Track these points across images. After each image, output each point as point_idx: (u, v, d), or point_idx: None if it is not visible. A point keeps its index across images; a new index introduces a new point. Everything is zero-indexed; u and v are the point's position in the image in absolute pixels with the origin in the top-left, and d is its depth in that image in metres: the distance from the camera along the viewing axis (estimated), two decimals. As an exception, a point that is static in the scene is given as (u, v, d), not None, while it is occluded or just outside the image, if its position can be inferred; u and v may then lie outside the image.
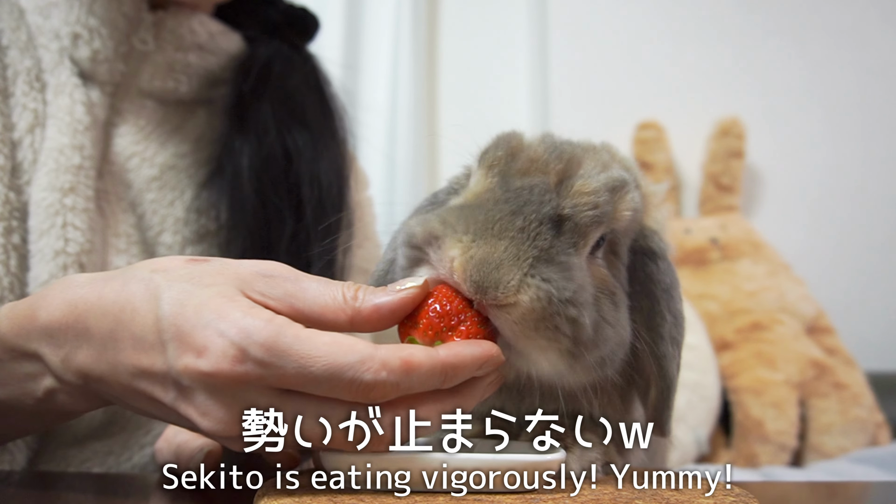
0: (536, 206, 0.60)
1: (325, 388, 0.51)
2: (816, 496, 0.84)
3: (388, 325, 0.57)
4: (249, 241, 0.97)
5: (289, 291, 0.55)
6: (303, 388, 0.52)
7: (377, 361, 0.51)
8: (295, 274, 0.57)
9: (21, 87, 0.91)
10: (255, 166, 0.99)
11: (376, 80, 2.37)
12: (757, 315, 1.99)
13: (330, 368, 0.50)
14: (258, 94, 1.02)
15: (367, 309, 0.55)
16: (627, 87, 2.43)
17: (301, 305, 0.55)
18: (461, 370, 0.53)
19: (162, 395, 0.55)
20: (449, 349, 0.53)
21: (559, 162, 0.64)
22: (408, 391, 0.52)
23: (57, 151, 0.89)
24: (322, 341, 0.51)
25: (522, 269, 0.57)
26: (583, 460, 0.64)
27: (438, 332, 0.56)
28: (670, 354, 0.67)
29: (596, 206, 0.62)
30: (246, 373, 0.51)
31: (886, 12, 2.38)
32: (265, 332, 0.51)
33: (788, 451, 1.83)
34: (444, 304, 0.57)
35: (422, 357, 0.52)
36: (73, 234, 0.87)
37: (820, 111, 2.37)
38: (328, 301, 0.55)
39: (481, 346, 0.55)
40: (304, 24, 1.12)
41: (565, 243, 0.60)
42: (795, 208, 2.37)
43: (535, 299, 0.57)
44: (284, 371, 0.51)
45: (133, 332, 0.55)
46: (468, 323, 0.57)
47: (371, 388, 0.51)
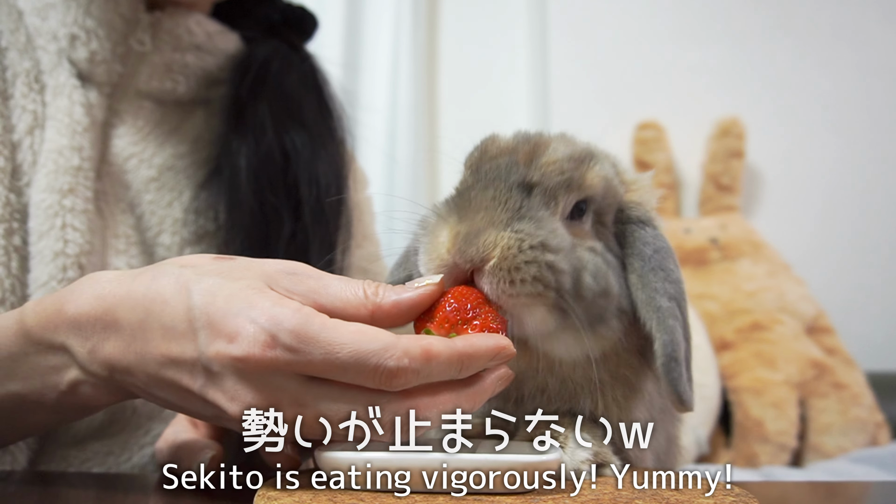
0: (504, 177, 0.65)
1: (350, 374, 0.53)
2: (816, 496, 0.84)
3: (407, 321, 0.59)
4: (248, 242, 0.97)
5: (312, 288, 0.58)
6: (329, 374, 0.54)
7: (400, 349, 0.53)
8: (318, 272, 0.60)
9: (20, 88, 0.91)
10: (254, 166, 0.99)
11: (376, 79, 2.36)
12: (757, 315, 1.99)
13: (355, 355, 0.53)
14: (256, 94, 1.02)
15: (388, 304, 0.58)
16: (627, 87, 2.43)
17: (324, 301, 0.57)
18: (476, 360, 0.56)
19: (190, 382, 0.57)
20: (465, 340, 0.56)
21: (527, 145, 0.69)
22: (427, 379, 0.55)
23: (56, 153, 0.89)
24: (348, 329, 0.54)
25: (498, 228, 0.62)
26: (578, 460, 0.64)
27: (454, 324, 0.59)
28: (667, 307, 0.66)
29: (562, 171, 0.66)
30: (276, 358, 0.54)
31: (887, 11, 2.38)
32: (294, 320, 0.53)
33: (788, 451, 1.83)
34: (461, 299, 0.60)
35: (440, 346, 0.55)
36: (73, 235, 0.87)
37: (820, 111, 2.37)
38: (350, 297, 0.58)
39: (494, 338, 0.57)
40: (302, 24, 1.12)
41: (537, 204, 0.65)
42: (795, 208, 2.37)
43: (505, 248, 0.61)
44: (312, 357, 0.53)
45: (163, 323, 0.57)
46: (482, 317, 0.60)
47: (394, 374, 0.53)
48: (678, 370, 0.66)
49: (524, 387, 0.71)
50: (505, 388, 0.71)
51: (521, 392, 0.71)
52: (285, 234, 0.99)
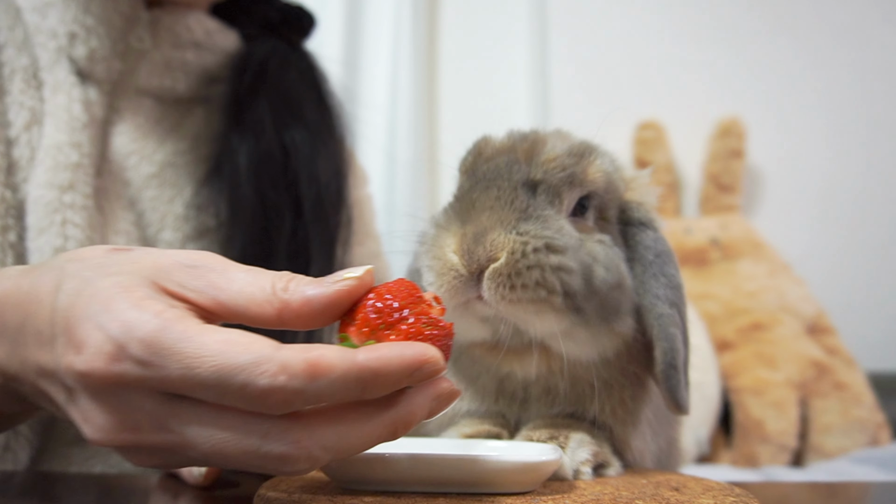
0: (507, 176, 0.64)
1: (215, 393, 0.44)
2: (817, 496, 0.84)
3: (324, 323, 0.50)
4: (249, 238, 0.97)
5: (212, 282, 0.49)
6: (192, 393, 0.45)
7: (275, 363, 0.43)
8: (223, 264, 0.51)
9: (18, 84, 0.91)
10: (254, 163, 0.99)
11: (376, 78, 2.36)
12: (757, 315, 1.98)
13: (218, 370, 0.43)
14: (255, 91, 1.02)
15: (297, 302, 0.48)
16: (627, 87, 2.43)
17: (224, 298, 0.48)
18: (384, 377, 0.45)
19: (57, 395, 0.50)
20: (371, 350, 0.45)
21: (524, 143, 0.68)
22: (317, 400, 0.44)
23: (55, 149, 0.88)
24: (213, 339, 0.44)
25: (506, 228, 0.60)
26: (578, 460, 0.64)
27: (374, 329, 0.48)
28: (668, 314, 0.66)
29: (564, 168, 0.65)
30: (123, 373, 0.45)
31: (887, 11, 2.38)
32: (148, 327, 0.44)
33: (789, 451, 1.83)
34: (387, 298, 0.49)
35: (333, 359, 0.44)
36: (73, 231, 0.87)
37: (820, 111, 2.37)
38: (255, 292, 0.48)
39: (414, 347, 0.46)
40: (301, 22, 1.13)
41: (542, 203, 0.63)
42: (796, 208, 2.36)
43: (509, 251, 0.59)
44: (168, 372, 0.44)
45: (36, 326, 0.50)
46: (411, 320, 0.48)
47: (267, 394, 0.43)
48: (677, 377, 0.66)
49: (532, 388, 0.71)
50: (511, 388, 0.71)
51: (528, 393, 0.71)
52: (286, 230, 0.99)
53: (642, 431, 0.72)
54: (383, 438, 0.47)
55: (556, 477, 0.62)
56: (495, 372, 0.71)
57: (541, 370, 0.68)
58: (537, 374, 0.68)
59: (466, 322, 0.65)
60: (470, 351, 0.71)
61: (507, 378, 0.71)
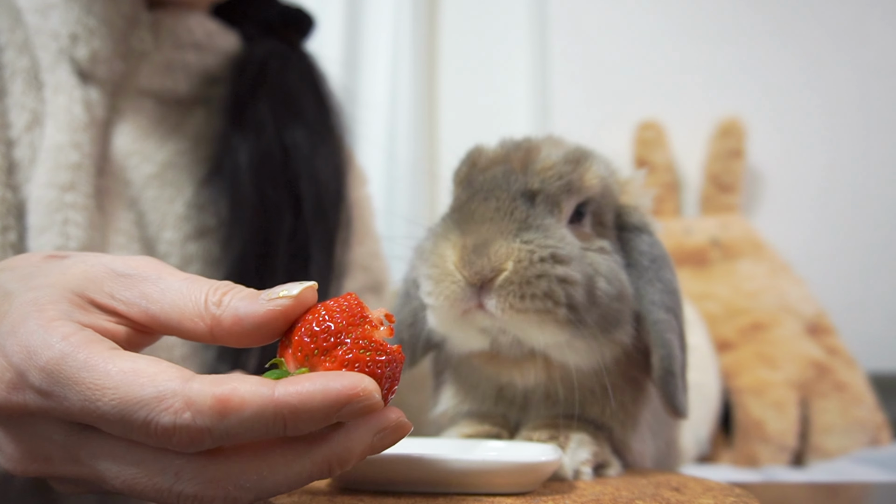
0: (505, 186, 0.63)
1: (118, 428, 0.41)
2: (817, 497, 0.84)
3: (260, 342, 0.46)
4: (249, 237, 0.97)
5: (144, 293, 0.46)
6: (96, 425, 0.42)
7: (180, 399, 0.39)
8: (158, 272, 0.48)
9: (19, 86, 0.91)
10: (254, 163, 1.00)
11: (376, 77, 2.36)
12: (757, 315, 1.98)
13: (120, 405, 0.40)
14: (255, 91, 1.03)
15: (228, 320, 0.45)
16: (627, 87, 2.43)
17: (156, 310, 0.46)
18: (306, 414, 0.40)
19: None
20: (291, 383, 0.41)
21: (518, 151, 0.67)
22: (231, 439, 0.41)
23: (56, 149, 0.89)
24: (117, 369, 0.41)
25: (508, 238, 0.60)
26: (578, 460, 0.64)
27: (308, 354, 0.44)
28: (665, 320, 0.66)
29: (561, 175, 0.65)
30: (24, 403, 0.43)
31: (887, 11, 2.38)
32: (49, 354, 0.41)
33: (789, 451, 1.82)
34: (324, 319, 0.44)
35: (246, 394, 0.40)
36: (74, 230, 0.87)
37: (821, 111, 2.37)
38: (187, 305, 0.45)
39: (344, 379, 0.41)
40: (300, 23, 1.14)
41: (542, 212, 0.63)
42: (796, 208, 2.36)
43: (516, 260, 0.59)
44: (69, 404, 0.41)
45: None
46: (350, 345, 0.44)
47: (171, 432, 0.40)
48: (674, 383, 0.66)
49: (532, 394, 0.71)
50: (510, 395, 0.71)
51: (528, 398, 0.71)
52: (286, 229, 0.99)
53: (642, 433, 0.72)
54: (315, 476, 0.43)
55: (556, 477, 0.62)
56: (495, 380, 0.71)
57: (540, 378, 0.68)
58: (537, 382, 0.68)
59: (465, 332, 0.65)
60: (468, 360, 0.71)
61: (507, 385, 0.71)
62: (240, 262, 0.96)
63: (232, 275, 0.96)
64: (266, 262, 0.98)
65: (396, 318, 0.74)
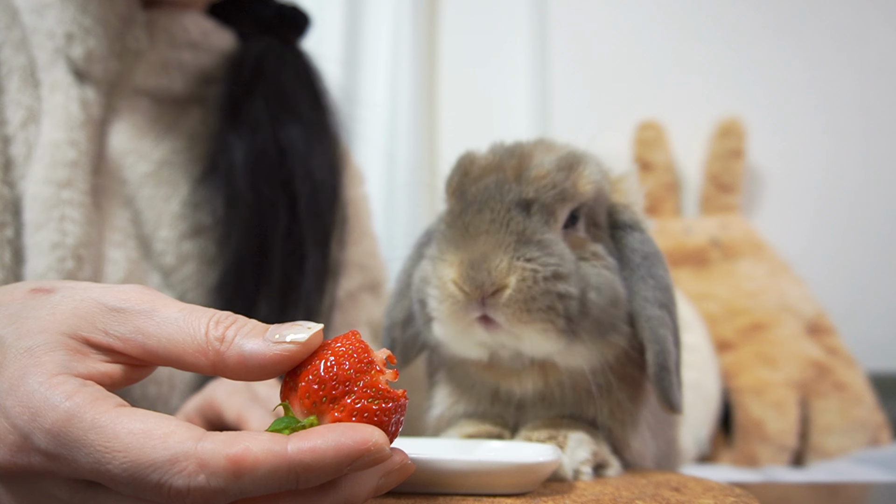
0: (499, 197, 0.63)
1: (129, 489, 0.40)
2: (817, 497, 0.84)
3: (261, 379, 0.46)
4: (245, 235, 0.97)
5: (139, 327, 0.45)
6: (105, 484, 0.41)
7: (193, 461, 0.39)
8: (152, 304, 0.46)
9: (15, 83, 0.91)
10: (250, 161, 1.00)
11: (376, 78, 2.36)
12: (757, 315, 1.98)
13: (131, 468, 0.39)
14: (251, 90, 1.03)
15: (233, 359, 0.44)
16: (627, 87, 2.43)
17: (153, 344, 0.45)
18: (318, 469, 0.40)
19: None
20: (303, 440, 0.41)
21: (511, 159, 0.67)
22: (244, 496, 0.41)
23: (52, 146, 0.89)
24: (127, 430, 0.40)
25: (508, 252, 0.61)
26: (577, 460, 0.64)
27: (317, 402, 0.44)
28: (658, 316, 0.66)
29: (555, 184, 0.64)
30: (29, 465, 0.42)
31: (888, 11, 2.38)
32: (54, 416, 0.40)
33: (789, 451, 1.82)
34: (332, 366, 0.44)
35: (259, 453, 0.39)
36: (71, 227, 0.87)
37: (821, 111, 2.37)
38: (186, 340, 0.44)
39: (355, 434, 0.41)
40: (296, 21, 1.14)
41: (538, 223, 0.63)
42: (796, 208, 2.36)
43: (521, 280, 0.60)
44: (78, 465, 0.40)
45: None
46: (357, 393, 0.43)
47: (184, 495, 0.39)
48: (669, 378, 0.66)
49: (527, 397, 0.71)
50: (506, 397, 0.72)
51: (525, 400, 0.71)
52: (281, 227, 0.99)
53: (641, 433, 0.72)
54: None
55: (556, 477, 0.61)
56: (492, 385, 0.72)
57: (538, 386, 0.69)
58: (535, 389, 0.69)
59: (465, 344, 0.66)
60: (463, 363, 0.71)
61: (503, 390, 0.72)
62: (235, 260, 0.96)
63: (227, 273, 0.96)
64: (261, 261, 0.98)
65: (390, 317, 0.75)
